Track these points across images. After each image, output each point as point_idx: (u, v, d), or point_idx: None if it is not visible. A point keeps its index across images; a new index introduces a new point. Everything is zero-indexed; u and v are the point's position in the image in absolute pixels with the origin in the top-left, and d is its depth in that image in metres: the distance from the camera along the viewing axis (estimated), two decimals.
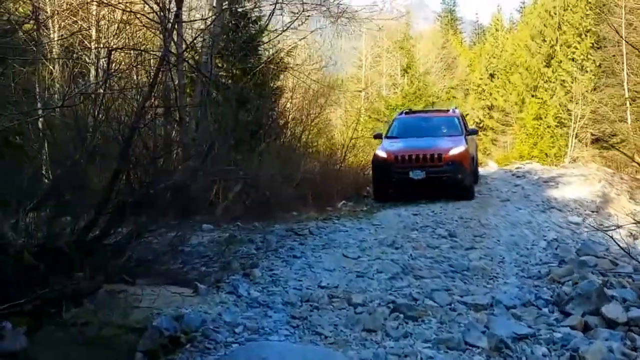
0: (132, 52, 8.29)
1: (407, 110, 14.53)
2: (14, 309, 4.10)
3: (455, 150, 10.77)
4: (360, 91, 27.77)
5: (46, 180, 6.02)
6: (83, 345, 4.33)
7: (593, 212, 11.03)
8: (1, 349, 3.83)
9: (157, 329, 4.28)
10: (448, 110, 13.46)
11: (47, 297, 4.40)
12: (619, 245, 5.65)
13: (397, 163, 10.70)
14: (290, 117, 12.68)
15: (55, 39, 9.87)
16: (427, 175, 10.47)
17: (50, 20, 10.05)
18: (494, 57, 36.84)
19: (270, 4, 11.62)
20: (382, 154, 11.07)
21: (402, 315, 4.82)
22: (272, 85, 12.04)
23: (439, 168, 10.52)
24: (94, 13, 10.83)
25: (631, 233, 8.75)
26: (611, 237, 5.85)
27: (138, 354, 4.24)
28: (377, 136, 12.66)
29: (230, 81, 10.99)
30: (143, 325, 4.48)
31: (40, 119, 6.81)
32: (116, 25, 10.17)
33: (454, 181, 10.59)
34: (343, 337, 4.44)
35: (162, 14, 6.88)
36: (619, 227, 6.46)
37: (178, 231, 5.91)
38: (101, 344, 4.33)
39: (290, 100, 13.16)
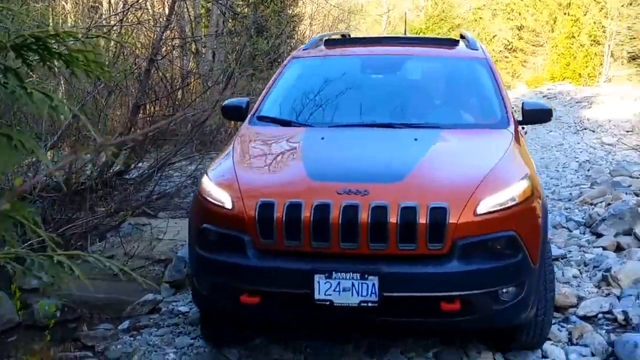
0: None
1: (332, 37, 4.68)
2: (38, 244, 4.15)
3: (498, 195, 2.57)
4: (381, 15, 26.75)
5: (63, 118, 5.98)
6: (109, 278, 4.40)
7: (628, 131, 10.62)
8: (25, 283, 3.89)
9: (182, 260, 4.30)
10: (455, 43, 4.31)
11: (72, 232, 4.46)
12: None
13: (265, 237, 2.56)
14: None
15: None
16: (381, 299, 2.44)
17: None
18: None
19: None
20: (215, 192, 2.79)
21: None
22: (290, 12, 11.65)
23: (428, 267, 2.48)
24: None
25: None
26: None
27: (164, 284, 4.29)
28: (231, 111, 3.91)
29: (247, 9, 10.63)
30: (168, 256, 4.51)
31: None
32: None
33: (487, 322, 2.66)
34: None
35: None
36: None
37: (199, 164, 5.87)
38: (127, 276, 4.41)
39: (309, 27, 12.73)
